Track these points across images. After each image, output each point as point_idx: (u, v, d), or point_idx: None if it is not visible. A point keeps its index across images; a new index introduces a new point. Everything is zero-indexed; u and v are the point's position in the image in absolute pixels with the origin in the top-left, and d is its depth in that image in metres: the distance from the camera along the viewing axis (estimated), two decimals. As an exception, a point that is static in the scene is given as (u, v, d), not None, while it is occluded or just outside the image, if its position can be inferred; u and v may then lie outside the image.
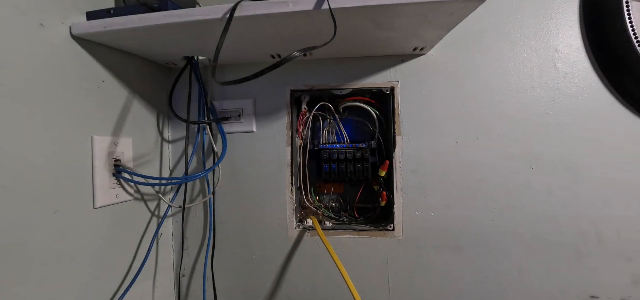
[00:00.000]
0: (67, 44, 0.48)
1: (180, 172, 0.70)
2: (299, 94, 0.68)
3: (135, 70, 0.61)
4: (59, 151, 0.46)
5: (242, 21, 0.45)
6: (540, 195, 0.61)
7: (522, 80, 0.62)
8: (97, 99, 0.52)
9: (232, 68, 0.69)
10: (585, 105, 0.61)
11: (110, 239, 0.55)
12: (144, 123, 0.63)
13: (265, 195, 0.68)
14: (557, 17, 0.62)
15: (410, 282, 0.65)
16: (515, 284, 0.62)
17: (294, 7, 0.43)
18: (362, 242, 0.66)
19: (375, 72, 0.65)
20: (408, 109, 0.64)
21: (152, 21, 0.46)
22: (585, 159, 0.61)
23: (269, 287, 0.69)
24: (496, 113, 0.62)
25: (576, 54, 0.61)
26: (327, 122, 0.70)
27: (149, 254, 0.61)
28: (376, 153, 0.68)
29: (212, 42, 0.47)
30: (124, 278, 0.58)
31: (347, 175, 0.66)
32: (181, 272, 0.71)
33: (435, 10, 0.44)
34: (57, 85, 0.46)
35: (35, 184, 0.43)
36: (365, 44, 0.58)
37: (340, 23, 0.45)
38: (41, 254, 0.44)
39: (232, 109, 0.68)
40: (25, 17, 0.42)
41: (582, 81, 0.61)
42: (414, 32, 0.53)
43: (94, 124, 0.52)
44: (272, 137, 0.68)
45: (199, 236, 0.70)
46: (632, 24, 0.54)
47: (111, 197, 0.54)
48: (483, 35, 0.63)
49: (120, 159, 0.56)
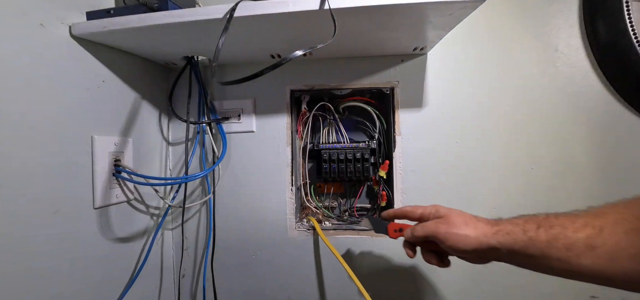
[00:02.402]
0: (67, 44, 0.48)
1: (180, 172, 0.70)
2: (299, 94, 0.68)
3: (135, 70, 0.61)
4: (59, 151, 0.46)
5: (242, 21, 0.45)
6: (540, 195, 0.61)
7: (522, 80, 0.62)
8: (97, 99, 0.52)
9: (232, 68, 0.69)
10: (585, 105, 0.61)
11: (110, 239, 0.55)
12: (144, 123, 0.63)
13: (265, 196, 0.68)
14: (557, 17, 0.62)
15: (410, 282, 0.65)
16: (515, 283, 0.62)
17: (294, 7, 0.43)
18: (362, 242, 0.66)
19: (375, 72, 0.65)
20: (408, 109, 0.64)
21: (152, 21, 0.46)
22: (585, 159, 0.61)
23: (269, 287, 0.68)
24: (496, 113, 0.62)
25: (576, 54, 0.61)
26: (327, 122, 0.70)
27: (148, 254, 0.61)
28: (376, 153, 0.68)
29: (212, 42, 0.47)
30: (124, 278, 0.58)
31: (347, 175, 0.66)
32: (181, 272, 0.71)
33: (435, 10, 0.44)
34: (57, 85, 0.46)
35: (35, 184, 0.43)
36: (365, 44, 0.58)
37: (340, 23, 0.45)
38: (41, 254, 0.44)
39: (232, 109, 0.68)
40: (25, 17, 0.42)
41: (582, 81, 0.61)
42: (414, 32, 0.53)
43: (94, 124, 0.52)
44: (272, 137, 0.68)
45: (199, 236, 0.70)
46: (632, 24, 0.54)
47: (111, 197, 0.54)
48: (483, 35, 0.63)
49: (120, 159, 0.56)
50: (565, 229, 0.32)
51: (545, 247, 0.33)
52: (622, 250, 0.29)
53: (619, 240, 0.29)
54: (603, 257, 0.30)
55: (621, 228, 0.29)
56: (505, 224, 0.37)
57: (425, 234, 0.42)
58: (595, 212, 0.32)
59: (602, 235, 0.30)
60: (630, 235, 0.29)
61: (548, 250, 0.33)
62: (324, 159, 0.67)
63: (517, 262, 0.37)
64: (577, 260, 0.31)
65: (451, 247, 0.39)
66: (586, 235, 0.31)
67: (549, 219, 0.34)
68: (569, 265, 0.32)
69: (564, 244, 0.32)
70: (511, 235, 0.36)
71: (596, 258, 0.30)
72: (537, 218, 0.35)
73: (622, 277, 0.29)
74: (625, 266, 0.29)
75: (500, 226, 0.37)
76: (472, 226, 0.39)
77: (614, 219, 0.30)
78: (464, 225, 0.39)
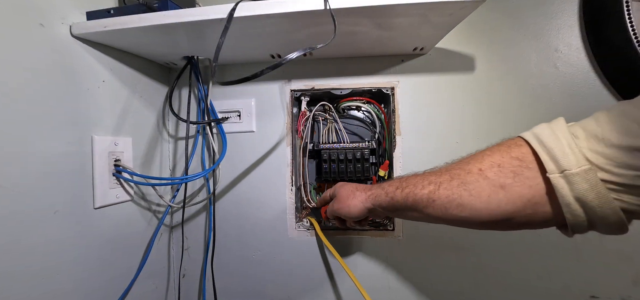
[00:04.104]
0: (67, 44, 0.48)
1: (180, 172, 0.70)
2: (299, 94, 0.68)
3: (135, 70, 0.61)
4: (59, 151, 0.46)
5: (242, 21, 0.45)
6: (540, 195, 0.61)
7: (522, 80, 0.62)
8: (97, 99, 0.52)
9: (232, 68, 0.69)
10: (585, 105, 0.61)
11: (110, 239, 0.55)
12: (144, 123, 0.63)
13: (265, 195, 0.68)
14: (557, 17, 0.62)
15: (410, 282, 0.65)
16: (515, 284, 0.62)
17: (293, 7, 0.43)
18: (362, 242, 0.66)
19: (375, 72, 0.65)
20: (408, 109, 0.64)
21: (152, 21, 0.46)
22: (585, 159, 0.60)
23: (269, 287, 0.68)
24: (496, 113, 0.62)
25: (576, 54, 0.61)
26: (327, 122, 0.70)
27: (149, 254, 0.62)
28: (376, 153, 0.68)
29: (212, 42, 0.47)
30: (124, 278, 0.58)
31: (347, 175, 0.66)
32: (181, 272, 0.71)
33: (435, 10, 0.44)
34: (57, 85, 0.46)
35: (35, 184, 0.43)
36: (365, 44, 0.58)
37: (340, 23, 0.45)
38: (41, 254, 0.44)
39: (232, 109, 0.68)
40: (25, 17, 0.42)
41: (582, 81, 0.61)
42: (414, 32, 0.53)
43: (94, 124, 0.52)
44: (272, 137, 0.68)
45: (199, 236, 0.70)
46: (632, 24, 0.54)
47: (111, 197, 0.54)
48: (483, 35, 0.63)
49: (120, 159, 0.56)
50: (415, 187, 0.39)
51: (401, 204, 0.41)
52: (451, 202, 0.36)
53: (449, 195, 0.36)
54: (439, 208, 0.37)
55: (454, 182, 0.36)
56: (376, 189, 0.46)
57: (331, 212, 0.54)
58: (447, 168, 0.39)
59: (438, 191, 0.37)
60: (459, 188, 0.35)
61: (404, 205, 0.41)
62: (324, 159, 0.67)
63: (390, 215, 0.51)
64: (424, 211, 0.39)
65: (345, 216, 0.50)
66: (428, 191, 0.38)
67: (407, 180, 0.42)
68: (420, 214, 0.40)
69: (413, 199, 0.39)
70: (378, 198, 0.45)
71: (435, 209, 0.37)
72: (401, 180, 0.43)
73: (457, 221, 0.37)
74: (454, 213, 0.36)
75: (372, 191, 0.47)
76: (353, 197, 0.48)
77: (452, 174, 0.37)
78: (348, 199, 0.49)
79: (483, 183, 0.34)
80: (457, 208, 0.36)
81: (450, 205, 0.36)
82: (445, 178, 0.37)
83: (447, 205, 0.36)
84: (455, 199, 0.36)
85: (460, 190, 0.35)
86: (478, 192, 0.34)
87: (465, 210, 0.35)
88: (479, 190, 0.34)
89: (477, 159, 0.36)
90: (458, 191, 0.35)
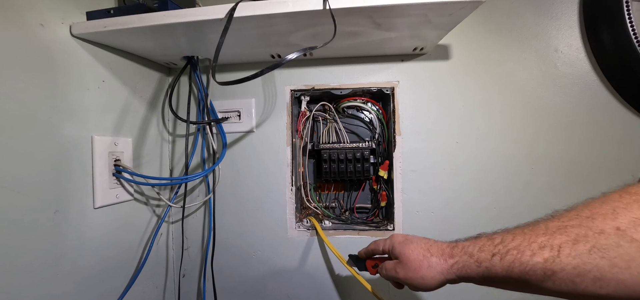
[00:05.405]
0: (67, 44, 0.48)
1: (180, 172, 0.70)
2: (299, 94, 0.68)
3: (135, 70, 0.61)
4: (59, 151, 0.46)
5: (242, 21, 0.45)
6: (540, 195, 0.61)
7: (522, 80, 0.62)
8: (97, 99, 0.52)
9: (232, 68, 0.69)
10: (585, 105, 0.61)
11: (110, 239, 0.55)
12: (144, 123, 0.63)
13: (265, 195, 0.68)
14: (557, 17, 0.62)
15: (410, 282, 0.65)
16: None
17: (293, 7, 0.43)
18: (362, 242, 0.66)
19: (375, 72, 0.65)
20: (408, 109, 0.64)
21: (152, 21, 0.46)
22: (585, 159, 0.60)
23: (269, 287, 0.69)
24: (496, 113, 0.62)
25: (576, 54, 0.61)
26: (327, 122, 0.70)
27: (149, 254, 0.62)
28: (376, 153, 0.68)
29: (212, 42, 0.47)
30: (124, 278, 0.58)
31: (347, 175, 0.66)
32: (181, 272, 0.71)
33: (435, 10, 0.44)
34: (57, 85, 0.46)
35: (35, 183, 0.43)
36: (365, 44, 0.58)
37: (340, 23, 0.45)
38: (41, 254, 0.44)
39: (232, 109, 0.68)
40: (25, 17, 0.42)
41: (582, 81, 0.61)
42: (414, 32, 0.53)
43: (94, 124, 0.52)
44: (272, 137, 0.68)
45: (199, 236, 0.70)
46: (632, 24, 0.54)
47: (111, 197, 0.54)
48: (483, 35, 0.63)
49: (120, 159, 0.56)
50: (521, 253, 0.30)
51: (502, 277, 0.32)
52: (584, 275, 0.27)
53: (579, 264, 0.27)
54: (564, 282, 0.28)
55: (583, 247, 0.27)
56: (460, 255, 0.37)
57: (390, 277, 0.45)
58: (558, 224, 0.30)
59: (560, 258, 0.28)
60: (592, 255, 0.26)
61: (507, 278, 0.31)
62: (324, 158, 0.67)
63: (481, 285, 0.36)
64: (538, 285, 0.29)
65: (414, 290, 0.42)
66: (544, 259, 0.29)
67: (505, 242, 0.32)
68: (531, 289, 0.31)
69: (520, 271, 0.30)
70: (465, 268, 0.36)
71: (557, 283, 0.28)
72: (494, 241, 0.34)
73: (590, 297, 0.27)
74: (589, 289, 0.27)
75: (455, 259, 0.37)
76: (427, 265, 0.39)
77: (576, 234, 0.28)
78: (419, 268, 0.39)
79: (630, 248, 0.25)
80: (593, 283, 0.26)
81: (581, 279, 0.27)
82: (565, 239, 0.28)
83: (576, 280, 0.27)
84: (590, 271, 0.26)
85: (595, 259, 0.26)
86: (625, 261, 0.25)
87: (608, 285, 0.26)
88: (626, 259, 0.25)
89: (605, 214, 0.28)
90: (592, 260, 0.26)
